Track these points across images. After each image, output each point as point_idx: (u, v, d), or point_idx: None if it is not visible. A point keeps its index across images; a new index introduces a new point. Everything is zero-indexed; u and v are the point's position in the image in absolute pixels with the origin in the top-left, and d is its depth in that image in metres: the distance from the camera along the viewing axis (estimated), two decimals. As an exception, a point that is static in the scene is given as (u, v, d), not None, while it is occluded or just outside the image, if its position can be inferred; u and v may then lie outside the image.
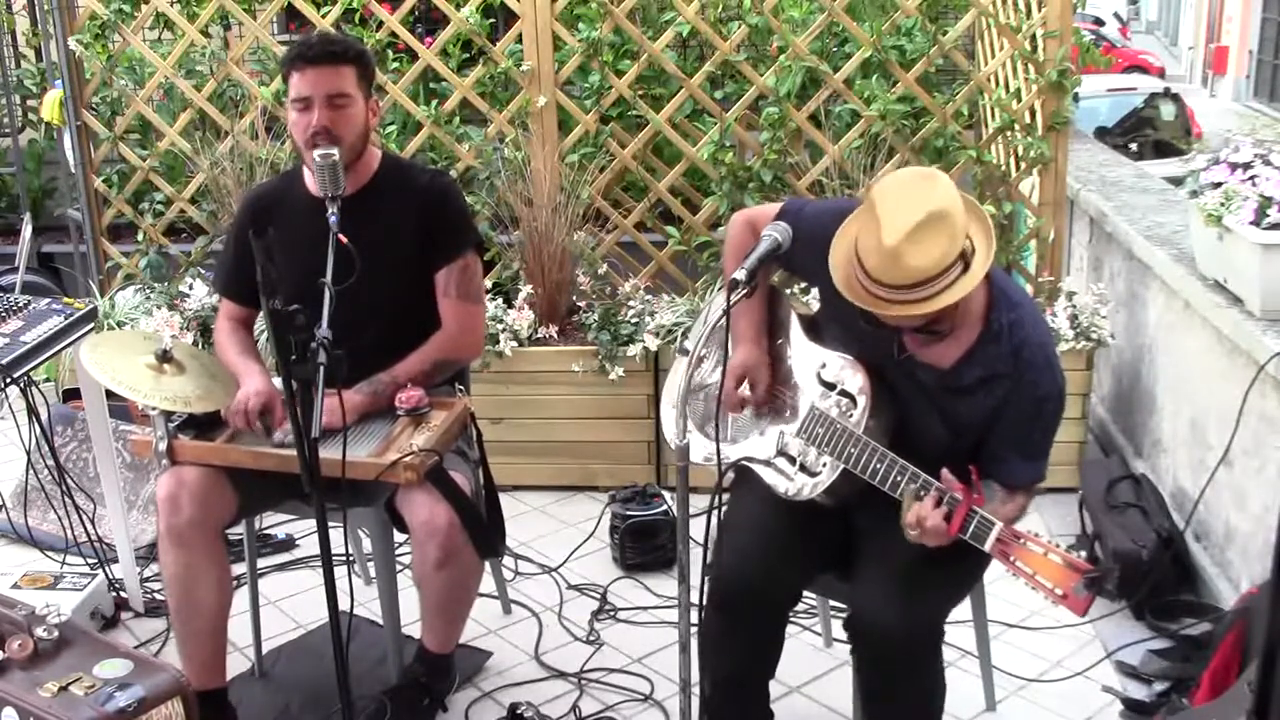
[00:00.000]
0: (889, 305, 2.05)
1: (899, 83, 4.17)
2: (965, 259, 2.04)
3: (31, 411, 3.33)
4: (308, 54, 2.63)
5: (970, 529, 2.08)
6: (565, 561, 3.64)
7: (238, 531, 2.94)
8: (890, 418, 2.28)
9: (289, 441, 2.45)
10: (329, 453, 2.14)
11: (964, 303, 2.10)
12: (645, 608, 3.37)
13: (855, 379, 2.28)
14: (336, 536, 2.46)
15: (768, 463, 2.38)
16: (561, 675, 3.05)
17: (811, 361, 2.39)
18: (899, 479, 2.14)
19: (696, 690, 2.35)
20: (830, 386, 2.32)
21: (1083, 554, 2.02)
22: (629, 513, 3.58)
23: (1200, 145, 10.46)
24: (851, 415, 2.26)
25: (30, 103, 7.10)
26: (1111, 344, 4.02)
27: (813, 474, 2.30)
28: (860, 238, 2.08)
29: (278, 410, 2.63)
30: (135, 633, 3.29)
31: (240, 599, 2.90)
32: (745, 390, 2.44)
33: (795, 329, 2.47)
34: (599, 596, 3.44)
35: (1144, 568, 3.23)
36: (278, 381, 2.59)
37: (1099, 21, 21.20)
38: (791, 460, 2.35)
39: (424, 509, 2.56)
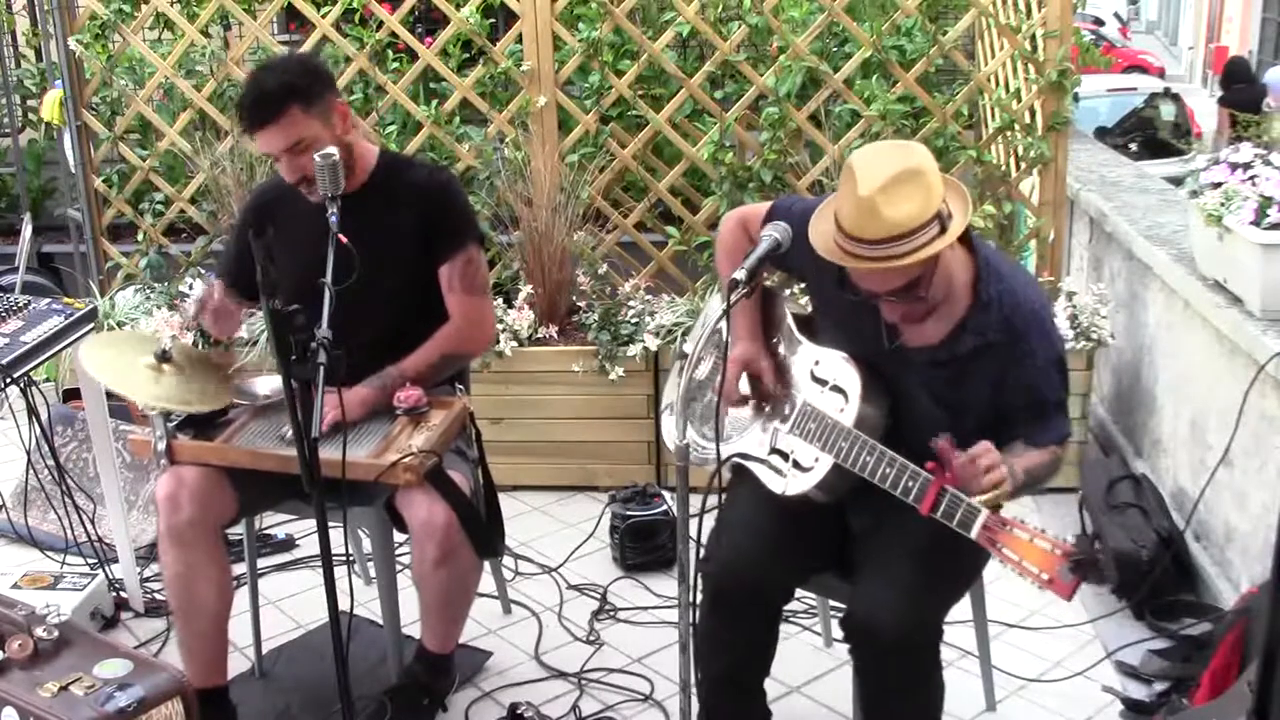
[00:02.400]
0: (865, 262, 2.06)
1: (899, 83, 4.17)
2: (942, 220, 2.05)
3: (31, 411, 3.33)
4: (248, 123, 2.60)
5: (943, 508, 2.07)
6: (565, 561, 3.64)
7: (238, 531, 2.94)
8: (883, 411, 2.28)
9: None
10: (329, 453, 2.14)
11: (944, 273, 2.12)
12: (645, 608, 3.37)
13: (847, 374, 2.29)
14: (336, 536, 2.46)
15: (762, 460, 2.39)
16: (561, 675, 3.05)
17: (805, 359, 2.40)
18: (888, 471, 2.15)
19: (696, 690, 2.35)
20: (823, 382, 2.33)
21: (1069, 536, 2.01)
22: (629, 513, 3.58)
23: (1200, 145, 10.45)
24: (844, 410, 2.26)
25: (30, 103, 7.09)
26: (1111, 344, 4.02)
27: (805, 470, 2.31)
28: (839, 200, 2.10)
29: None
30: (135, 633, 3.29)
31: (240, 599, 2.90)
32: (746, 386, 2.44)
33: (790, 327, 2.47)
34: (599, 596, 3.44)
35: (1144, 568, 3.23)
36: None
37: (1099, 21, 21.20)
38: (785, 457, 2.36)
39: (423, 509, 2.56)
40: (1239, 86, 10.92)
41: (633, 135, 4.42)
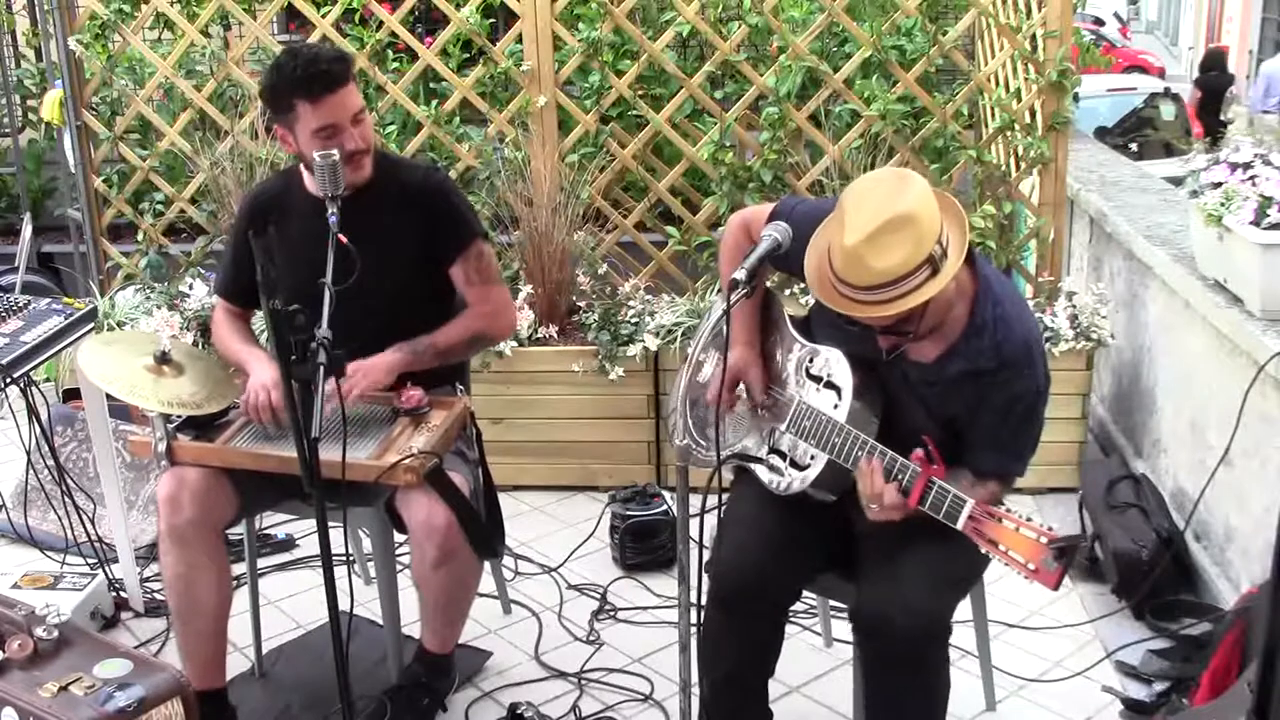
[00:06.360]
0: (854, 305, 2.07)
1: (899, 83, 4.17)
2: (934, 263, 2.04)
3: (31, 411, 3.33)
4: (328, 82, 2.56)
5: (930, 500, 2.09)
6: (565, 561, 3.64)
7: (238, 531, 2.94)
8: (877, 409, 2.29)
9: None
10: (329, 453, 2.14)
11: (936, 305, 2.11)
12: (645, 608, 3.37)
13: (841, 371, 2.30)
14: (336, 536, 2.46)
15: (761, 460, 2.40)
16: (561, 675, 3.05)
17: (801, 357, 2.41)
18: (878, 464, 2.16)
19: (696, 690, 2.35)
20: (817, 379, 2.34)
21: (1053, 527, 2.02)
22: (629, 513, 3.58)
23: (1200, 145, 10.46)
24: (837, 406, 2.27)
25: (30, 103, 7.09)
26: (1111, 344, 4.02)
27: (802, 468, 2.32)
28: (830, 239, 2.10)
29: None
30: (135, 633, 3.29)
31: (240, 599, 2.90)
32: (740, 393, 2.46)
33: (787, 326, 2.48)
34: (599, 596, 3.44)
35: (1144, 568, 3.23)
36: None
37: (1099, 21, 21.20)
38: (783, 456, 2.37)
39: (422, 509, 2.56)
40: (1211, 74, 12.71)
41: (633, 135, 4.41)
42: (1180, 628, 3.10)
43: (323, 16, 4.42)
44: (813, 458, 2.30)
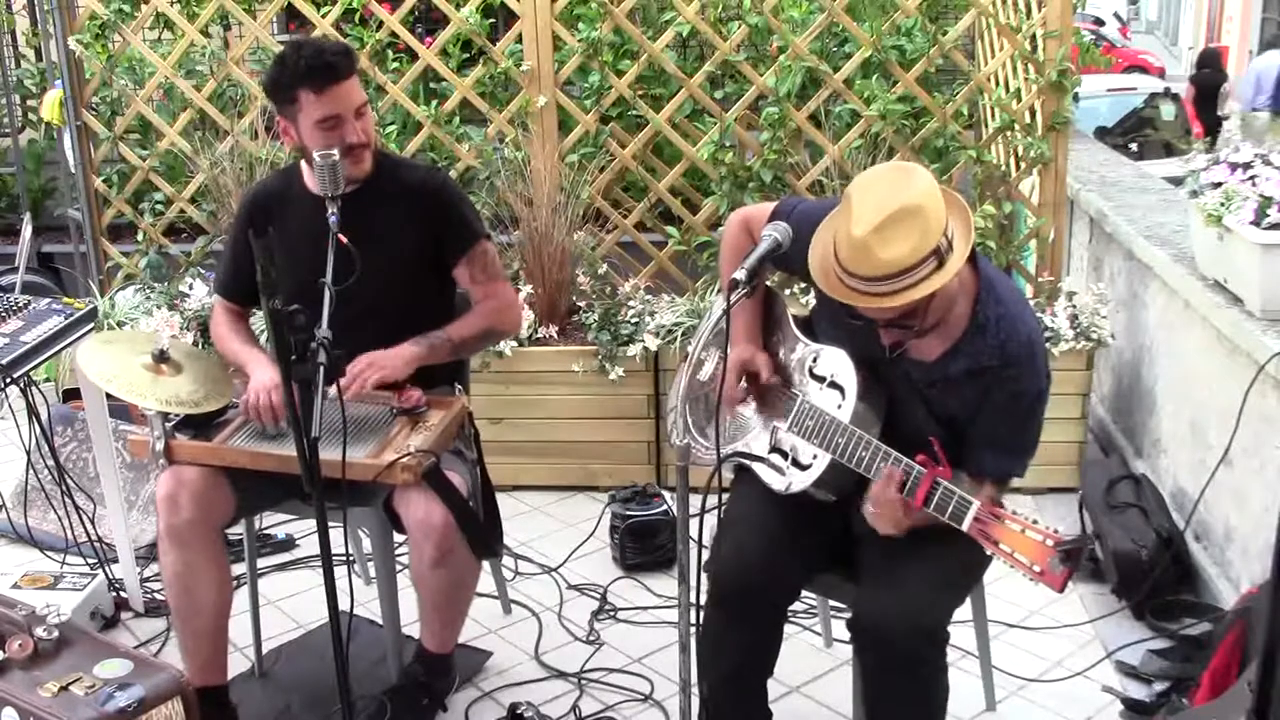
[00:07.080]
0: (859, 297, 2.07)
1: (899, 83, 4.17)
2: (940, 255, 2.04)
3: (31, 411, 3.33)
4: (332, 73, 2.56)
5: (936, 501, 2.09)
6: (565, 561, 3.63)
7: (238, 531, 2.94)
8: (880, 409, 2.29)
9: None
10: (328, 453, 2.14)
11: (940, 300, 2.11)
12: (645, 608, 3.37)
13: (845, 370, 2.30)
14: (336, 536, 2.46)
15: (762, 459, 2.39)
16: (561, 675, 3.05)
17: (804, 356, 2.41)
18: (882, 465, 2.16)
19: (696, 690, 2.35)
20: (821, 379, 2.34)
21: (1058, 529, 2.01)
22: (629, 513, 3.58)
23: (1199, 145, 10.45)
24: (841, 406, 2.27)
25: (30, 103, 7.10)
26: (1111, 344, 4.02)
27: (804, 468, 2.31)
28: (837, 230, 2.10)
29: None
30: (135, 633, 3.29)
31: (240, 599, 2.90)
32: (743, 394, 2.45)
33: (790, 325, 2.48)
34: (599, 596, 3.44)
35: (1144, 568, 3.23)
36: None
37: (1099, 21, 21.19)
38: (784, 455, 2.36)
39: (420, 508, 2.56)
40: (1205, 71, 12.79)
41: (633, 135, 4.42)
42: (1180, 628, 3.10)
43: (323, 16, 4.42)
44: (815, 457, 2.30)
